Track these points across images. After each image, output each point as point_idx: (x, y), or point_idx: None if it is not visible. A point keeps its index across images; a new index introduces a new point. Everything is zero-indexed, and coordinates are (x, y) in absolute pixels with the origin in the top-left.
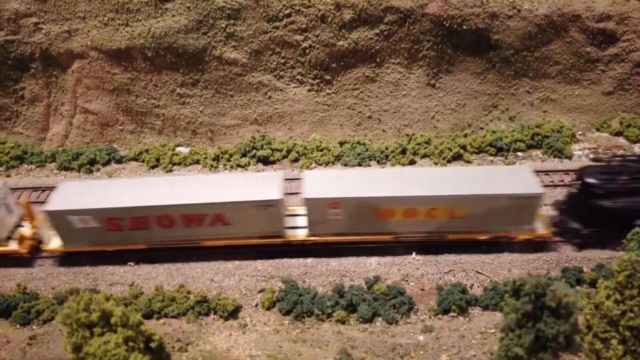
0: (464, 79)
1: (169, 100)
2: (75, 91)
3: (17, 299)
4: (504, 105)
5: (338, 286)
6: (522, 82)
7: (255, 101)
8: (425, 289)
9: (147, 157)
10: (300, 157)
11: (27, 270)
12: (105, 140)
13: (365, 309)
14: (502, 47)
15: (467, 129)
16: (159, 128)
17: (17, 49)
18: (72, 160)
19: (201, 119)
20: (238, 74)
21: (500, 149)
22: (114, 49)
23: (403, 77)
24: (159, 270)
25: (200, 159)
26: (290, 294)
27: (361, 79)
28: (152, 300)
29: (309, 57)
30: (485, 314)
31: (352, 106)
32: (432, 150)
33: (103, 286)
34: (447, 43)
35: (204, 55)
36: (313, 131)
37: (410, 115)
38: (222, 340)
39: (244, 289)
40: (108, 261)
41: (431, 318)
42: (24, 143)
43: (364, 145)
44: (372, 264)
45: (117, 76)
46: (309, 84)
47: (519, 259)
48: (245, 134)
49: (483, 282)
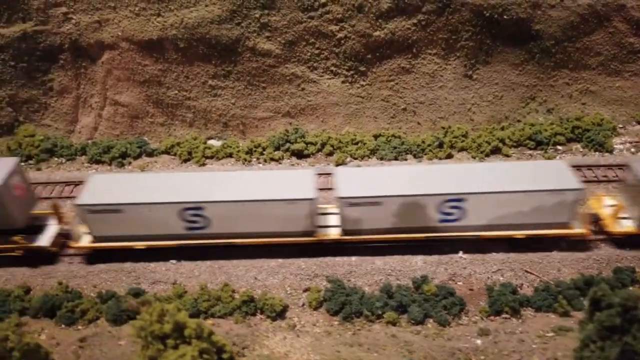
0: (502, 70)
1: (200, 92)
2: (105, 83)
3: (61, 298)
4: (542, 97)
5: (386, 286)
6: (562, 74)
7: (288, 93)
8: (474, 288)
9: (179, 151)
10: (334, 151)
11: (68, 268)
12: (135, 132)
13: (417, 310)
14: (543, 38)
15: (504, 122)
16: (189, 120)
17: (46, 39)
18: (103, 154)
19: (233, 112)
20: (271, 65)
21: (539, 143)
22: (145, 40)
23: (439, 68)
24: (201, 268)
25: (233, 152)
26: (337, 294)
27: (396, 70)
28: (198, 300)
29: (343, 48)
30: (539, 316)
31: (386, 98)
32: (469, 143)
33: (145, 285)
34: (486, 33)
35: (237, 46)
36: (347, 124)
37: (446, 108)
38: (278, 343)
39: (289, 287)
40: (149, 259)
41: (483, 320)
42: (53, 135)
43: (399, 138)
44: (417, 263)
45: (148, 67)
46: (343, 76)
47: (569, 258)
48: (277, 127)
49: (533, 282)
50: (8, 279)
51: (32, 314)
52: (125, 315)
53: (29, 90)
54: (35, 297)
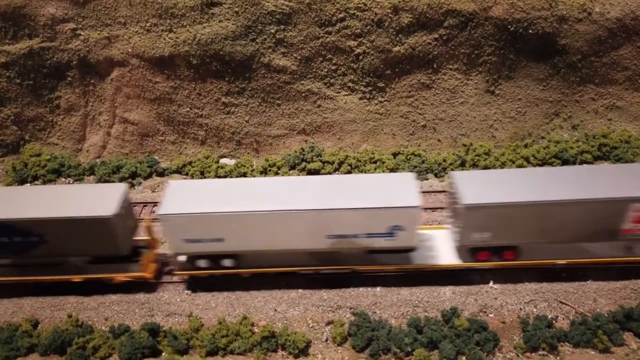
0: (525, 86)
1: (213, 109)
2: (114, 100)
3: (71, 333)
4: (566, 113)
5: (414, 320)
6: (587, 89)
7: (303, 110)
8: (507, 321)
9: (192, 170)
10: (352, 170)
11: (78, 299)
12: (145, 151)
13: (449, 347)
14: (569, 52)
15: (527, 138)
16: (201, 138)
17: (53, 56)
18: (112, 173)
19: (246, 129)
20: (286, 81)
21: (565, 161)
22: (156, 57)
23: (461, 84)
24: (218, 299)
25: (247, 172)
26: (362, 328)
27: (416, 85)
28: (216, 335)
29: (362, 64)
30: (577, 352)
31: (405, 114)
32: (492, 161)
33: (159, 317)
34: (510, 48)
35: (252, 62)
36: (364, 141)
37: (468, 124)
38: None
39: (311, 320)
40: (163, 289)
41: (519, 357)
42: (60, 154)
43: (419, 156)
44: (446, 294)
45: (158, 85)
46: (360, 92)
47: (605, 287)
48: (292, 144)
49: (568, 314)
50: (15, 311)
51: (42, 351)
52: (140, 353)
53: (35, 108)
54: (44, 331)
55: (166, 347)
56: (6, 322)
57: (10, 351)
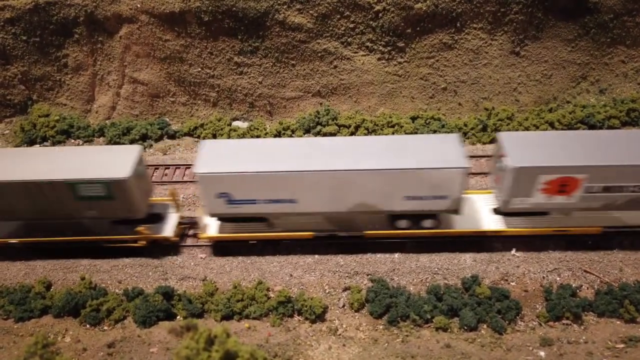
0: (553, 47)
1: (225, 69)
2: (123, 59)
3: (85, 295)
4: (594, 77)
5: (434, 287)
6: (618, 51)
7: (319, 71)
8: (529, 289)
9: (203, 133)
10: (369, 134)
11: (90, 262)
12: (155, 112)
13: (470, 315)
14: (601, 11)
15: (552, 103)
16: (213, 100)
17: (60, 12)
18: (122, 135)
19: (260, 91)
20: (302, 40)
21: (592, 127)
22: (166, 13)
23: (485, 44)
24: (232, 263)
25: (260, 135)
26: (380, 295)
27: (437, 46)
28: (231, 300)
29: (381, 22)
30: (602, 322)
31: (425, 76)
32: (515, 126)
33: (173, 281)
34: (538, 6)
35: (266, 19)
36: (381, 104)
37: (490, 87)
38: (324, 354)
39: (327, 286)
40: (177, 252)
41: (542, 326)
42: (69, 115)
43: (439, 120)
44: (467, 261)
45: (169, 43)
46: (379, 52)
47: (632, 257)
48: (306, 107)
49: (592, 283)
50: (27, 272)
51: (55, 313)
52: (154, 316)
53: (42, 67)
54: (57, 293)
55: (181, 311)
56: (19, 284)
57: (24, 312)
